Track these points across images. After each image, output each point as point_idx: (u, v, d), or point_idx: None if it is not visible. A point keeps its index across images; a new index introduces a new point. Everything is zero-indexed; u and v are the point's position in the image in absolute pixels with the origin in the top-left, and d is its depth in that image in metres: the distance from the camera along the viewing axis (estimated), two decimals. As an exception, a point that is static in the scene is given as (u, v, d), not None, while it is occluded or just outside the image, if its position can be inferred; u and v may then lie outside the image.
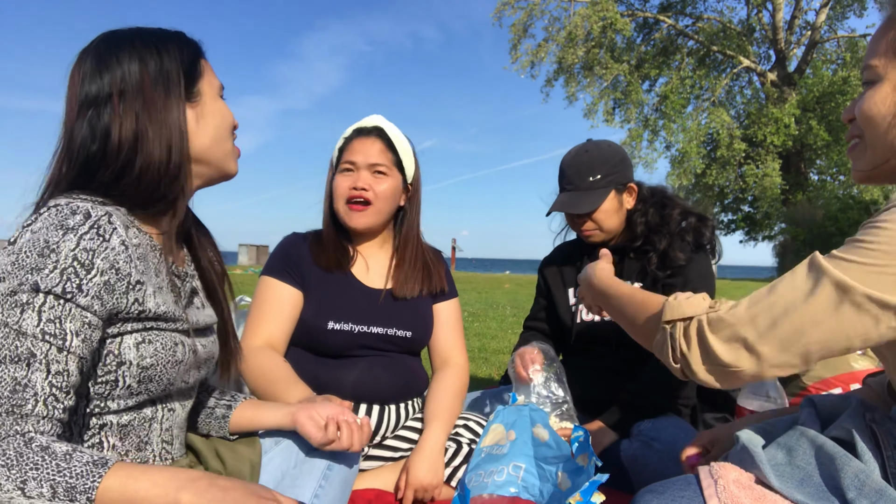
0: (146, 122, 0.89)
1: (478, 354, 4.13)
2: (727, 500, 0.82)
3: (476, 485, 1.32)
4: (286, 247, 1.60)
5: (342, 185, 1.54)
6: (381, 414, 1.53)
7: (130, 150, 0.88)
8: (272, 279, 1.54)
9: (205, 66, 0.99)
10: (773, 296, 0.79)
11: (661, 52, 23.35)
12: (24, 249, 0.78)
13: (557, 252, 2.03)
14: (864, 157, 0.83)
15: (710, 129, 21.46)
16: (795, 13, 22.72)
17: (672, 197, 1.84)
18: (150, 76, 0.90)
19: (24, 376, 0.75)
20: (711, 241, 1.80)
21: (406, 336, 1.57)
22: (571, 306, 1.90)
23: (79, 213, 0.81)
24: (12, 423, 0.74)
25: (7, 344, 0.75)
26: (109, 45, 0.92)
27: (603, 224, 1.78)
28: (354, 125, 1.62)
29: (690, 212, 1.81)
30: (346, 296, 1.55)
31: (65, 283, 0.77)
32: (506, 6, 21.59)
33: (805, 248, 21.12)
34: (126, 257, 0.84)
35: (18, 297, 0.76)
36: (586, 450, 1.34)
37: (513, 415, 1.48)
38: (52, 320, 0.77)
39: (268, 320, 1.50)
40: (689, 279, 1.72)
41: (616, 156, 1.79)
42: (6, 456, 0.71)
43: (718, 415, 1.84)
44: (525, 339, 1.89)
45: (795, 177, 22.44)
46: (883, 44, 0.79)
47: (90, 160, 0.88)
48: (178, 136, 0.92)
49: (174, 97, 0.92)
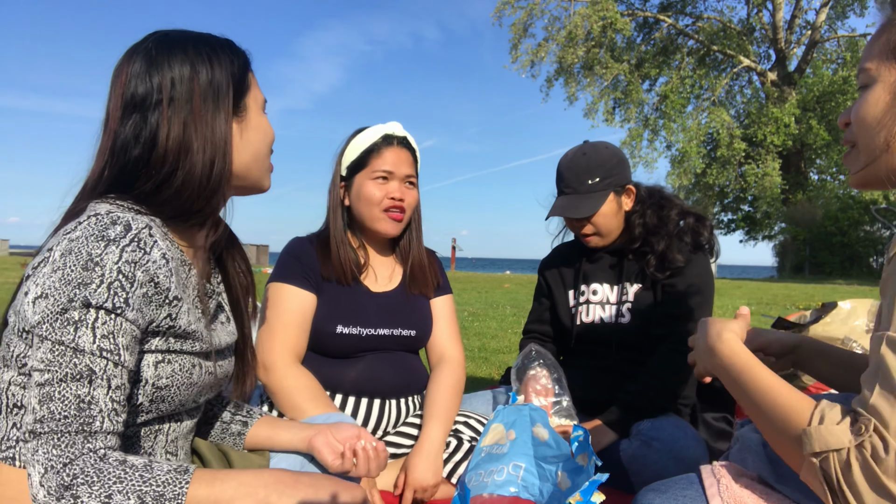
0: (192, 133, 0.87)
1: (478, 354, 4.13)
2: (729, 499, 0.82)
3: (476, 484, 1.32)
4: (296, 252, 1.58)
5: (377, 193, 1.55)
6: (381, 409, 1.55)
7: (175, 160, 0.86)
8: (289, 286, 1.52)
9: (252, 80, 0.97)
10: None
11: (661, 51, 23.35)
12: (68, 263, 0.76)
13: (556, 253, 2.03)
14: (858, 160, 0.82)
15: (710, 129, 21.47)
16: (795, 13, 22.72)
17: (670, 197, 1.84)
18: (200, 86, 0.88)
19: (87, 393, 0.75)
20: (710, 240, 1.80)
21: (410, 335, 1.61)
22: (571, 308, 1.90)
23: (119, 224, 0.79)
24: (83, 441, 0.74)
25: (65, 362, 0.74)
26: (161, 47, 0.89)
27: (601, 227, 1.77)
28: (380, 131, 1.59)
29: (688, 212, 1.81)
30: (355, 300, 1.56)
31: (113, 297, 0.76)
32: (506, 6, 21.59)
33: (805, 247, 21.15)
34: (167, 271, 0.83)
35: (70, 315, 0.75)
36: (586, 449, 1.34)
37: (513, 414, 1.48)
38: (106, 336, 0.76)
39: (291, 329, 1.48)
40: (688, 280, 1.72)
41: (614, 157, 1.78)
42: (85, 473, 0.73)
43: (718, 414, 1.83)
44: (528, 353, 1.77)
45: (795, 176, 22.45)
46: (876, 47, 0.80)
47: (131, 165, 0.87)
48: (222, 151, 0.90)
49: (223, 110, 0.90)
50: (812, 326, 2.17)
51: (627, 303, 1.79)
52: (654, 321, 1.74)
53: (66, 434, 0.74)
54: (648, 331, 1.75)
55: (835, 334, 2.09)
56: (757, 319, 6.00)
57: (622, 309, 1.79)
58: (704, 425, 1.81)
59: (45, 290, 0.75)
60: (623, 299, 1.80)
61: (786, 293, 10.12)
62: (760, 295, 9.45)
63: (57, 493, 0.71)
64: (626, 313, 1.79)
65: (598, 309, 1.84)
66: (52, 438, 0.73)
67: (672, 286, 1.73)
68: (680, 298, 1.71)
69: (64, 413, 0.74)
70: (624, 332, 1.78)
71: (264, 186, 1.02)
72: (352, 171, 1.59)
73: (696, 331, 1.01)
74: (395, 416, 1.58)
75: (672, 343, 1.67)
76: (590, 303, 1.86)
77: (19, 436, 0.80)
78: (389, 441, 1.57)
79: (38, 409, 0.74)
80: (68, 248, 0.76)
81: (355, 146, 1.59)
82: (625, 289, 1.80)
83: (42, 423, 0.74)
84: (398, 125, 1.61)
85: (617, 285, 1.83)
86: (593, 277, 1.87)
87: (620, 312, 1.79)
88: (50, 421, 0.74)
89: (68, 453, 0.73)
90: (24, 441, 0.76)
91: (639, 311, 1.77)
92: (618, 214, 1.79)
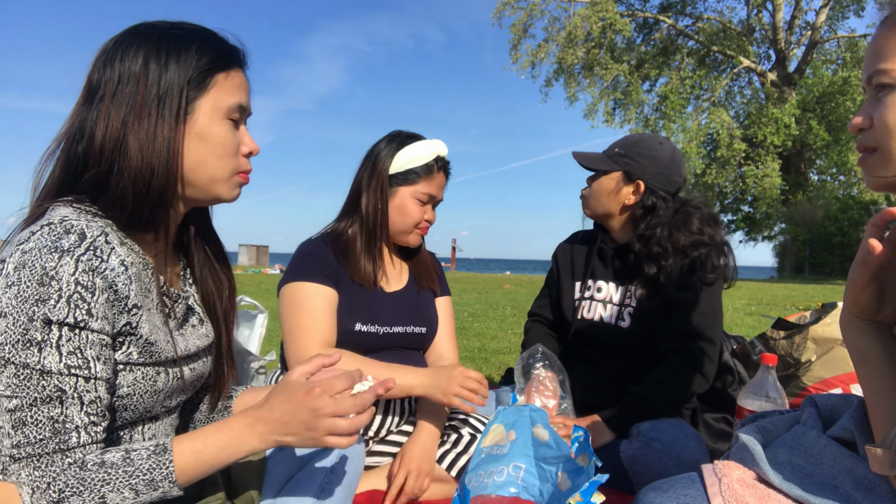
0: (130, 134, 0.81)
1: (478, 354, 4.12)
2: (731, 498, 0.82)
3: (476, 485, 1.32)
4: (314, 252, 1.57)
5: (417, 214, 1.59)
6: (387, 407, 1.58)
7: (109, 159, 0.81)
8: (312, 283, 1.50)
9: (217, 82, 0.87)
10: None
11: (661, 52, 23.34)
12: (22, 279, 0.72)
13: (574, 238, 2.02)
14: (886, 166, 0.78)
15: (710, 129, 21.45)
16: (795, 13, 22.71)
17: (689, 221, 1.69)
18: (147, 85, 0.82)
19: (59, 413, 0.74)
20: (724, 271, 1.69)
21: (422, 332, 1.66)
22: (575, 301, 1.89)
23: (73, 233, 0.75)
24: (62, 458, 0.75)
25: (32, 385, 0.73)
26: (125, 37, 0.85)
27: (592, 194, 1.80)
28: (431, 151, 1.58)
29: (703, 243, 1.68)
30: (372, 299, 1.59)
31: (74, 311, 0.74)
32: (506, 6, 21.59)
33: (805, 248, 21.13)
34: (125, 278, 0.80)
35: (32, 336, 0.72)
36: (586, 450, 1.34)
37: (513, 415, 1.48)
38: (73, 352, 0.74)
39: (322, 321, 1.48)
40: (698, 297, 1.66)
41: (651, 152, 1.74)
42: (70, 486, 0.73)
43: (718, 415, 1.83)
44: (535, 352, 1.74)
45: (795, 177, 22.43)
46: (893, 44, 0.75)
47: (77, 159, 0.83)
48: (163, 158, 0.83)
49: (168, 114, 0.83)
50: (812, 327, 2.16)
51: (630, 306, 1.77)
52: (661, 335, 1.71)
53: (44, 455, 0.74)
54: (647, 339, 1.73)
55: (835, 335, 2.09)
56: (757, 320, 6.00)
57: (623, 312, 1.78)
58: (705, 426, 1.81)
59: (3, 308, 0.72)
60: (626, 302, 1.78)
61: (786, 294, 10.12)
62: (760, 295, 9.45)
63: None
64: (627, 317, 1.77)
65: (599, 307, 1.83)
66: (31, 462, 0.73)
67: (681, 301, 1.68)
68: (689, 314, 1.67)
69: (39, 436, 0.73)
70: (622, 335, 1.77)
71: (222, 197, 0.92)
72: (394, 181, 1.58)
73: (704, 347, 0.95)
74: (398, 415, 1.60)
75: (682, 356, 1.66)
76: (594, 299, 1.85)
77: None
78: (392, 440, 1.60)
79: (13, 435, 0.73)
80: (22, 262, 0.73)
81: (405, 158, 1.57)
82: (629, 291, 1.78)
83: (19, 449, 0.73)
84: (444, 146, 1.63)
85: (622, 286, 1.80)
86: (601, 274, 1.86)
87: (621, 315, 1.78)
88: (26, 445, 0.73)
89: (50, 472, 0.73)
90: (7, 462, 0.76)
91: (640, 318, 1.74)
92: (613, 196, 1.77)
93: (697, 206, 1.75)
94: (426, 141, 1.60)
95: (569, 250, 1.97)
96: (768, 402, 1.35)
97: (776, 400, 1.36)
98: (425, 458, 1.48)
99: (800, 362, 2.17)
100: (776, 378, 1.39)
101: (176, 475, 0.77)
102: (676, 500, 0.84)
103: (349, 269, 1.56)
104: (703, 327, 1.66)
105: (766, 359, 1.39)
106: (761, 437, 0.92)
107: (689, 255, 1.67)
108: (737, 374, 1.92)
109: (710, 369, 1.67)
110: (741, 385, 1.89)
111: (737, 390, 1.87)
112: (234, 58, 0.91)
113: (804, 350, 2.17)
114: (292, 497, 1.02)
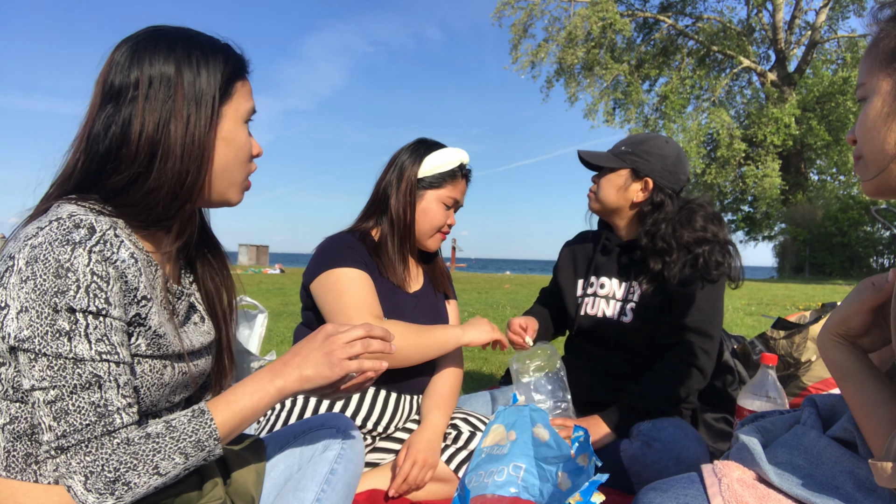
0: (169, 136, 0.84)
1: (478, 355, 4.13)
2: (731, 498, 0.82)
3: (476, 485, 1.32)
4: (348, 244, 1.59)
5: (442, 218, 1.67)
6: (397, 402, 1.61)
7: (147, 160, 0.83)
8: (352, 269, 1.53)
9: (238, 89, 0.92)
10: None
11: (661, 52, 23.35)
12: (37, 273, 0.73)
13: (579, 237, 2.04)
14: (866, 168, 0.84)
15: (710, 129, 21.45)
16: (795, 13, 22.72)
17: (695, 218, 1.72)
18: (184, 89, 0.85)
19: (100, 398, 0.77)
20: (728, 271, 1.71)
21: None
22: (577, 298, 1.90)
23: (83, 227, 0.77)
24: (111, 440, 0.77)
25: (69, 373, 0.75)
26: (148, 41, 0.86)
27: (600, 191, 1.82)
28: (457, 158, 1.66)
29: (707, 240, 1.70)
30: (397, 297, 1.64)
31: (94, 300, 0.75)
32: (506, 6, 21.61)
33: (805, 248, 21.14)
34: (135, 270, 0.82)
35: (60, 326, 0.73)
36: (586, 450, 1.34)
37: (513, 415, 1.48)
38: (101, 339, 0.77)
39: (371, 299, 1.51)
40: (699, 293, 1.68)
41: (659, 150, 1.76)
42: (124, 463, 0.76)
43: (718, 415, 1.83)
44: None
45: (795, 177, 22.44)
46: (867, 61, 0.82)
47: (99, 159, 0.84)
48: (198, 160, 0.86)
49: (203, 118, 0.86)
50: (812, 327, 2.17)
51: (632, 302, 1.77)
52: (660, 330, 1.72)
53: (93, 440, 0.76)
54: (649, 335, 1.74)
55: (835, 335, 2.09)
56: (757, 320, 6.01)
57: (626, 308, 1.78)
58: (705, 426, 1.81)
59: (23, 303, 0.73)
60: (629, 298, 1.79)
61: (786, 294, 10.12)
62: (760, 295, 9.45)
63: (108, 489, 0.75)
64: (629, 313, 1.78)
65: (602, 303, 1.84)
66: (81, 448, 0.75)
67: (683, 296, 1.69)
68: (689, 310, 1.68)
69: (85, 422, 0.75)
70: (624, 331, 1.77)
71: (231, 201, 0.97)
72: (421, 185, 1.64)
73: (702, 343, 0.99)
74: (407, 410, 1.65)
75: (680, 352, 1.66)
76: (596, 296, 1.86)
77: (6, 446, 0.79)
78: (397, 437, 1.64)
79: (57, 426, 0.75)
80: (33, 256, 0.73)
81: (433, 164, 1.64)
82: (632, 288, 1.79)
83: (66, 438, 0.75)
84: (467, 154, 1.70)
85: (626, 283, 1.81)
86: (604, 271, 1.87)
87: (624, 311, 1.79)
88: (74, 433, 0.75)
89: (102, 455, 0.76)
90: (49, 458, 0.77)
91: (642, 314, 1.75)
92: (621, 193, 1.79)
93: (701, 204, 1.77)
94: (451, 148, 1.69)
95: (572, 248, 2.01)
96: (768, 402, 1.35)
97: (776, 400, 1.36)
98: (431, 451, 1.51)
99: (800, 362, 2.17)
100: (776, 378, 1.39)
101: (219, 431, 0.83)
102: (676, 500, 0.84)
103: (379, 266, 1.62)
104: (702, 323, 1.67)
105: (766, 359, 1.39)
106: (761, 437, 0.92)
107: (693, 251, 1.69)
108: (737, 373, 1.92)
109: (709, 366, 1.67)
110: (741, 385, 1.89)
111: (737, 390, 1.87)
112: (246, 66, 0.96)
113: (804, 350, 2.18)
114: (292, 497, 1.02)
